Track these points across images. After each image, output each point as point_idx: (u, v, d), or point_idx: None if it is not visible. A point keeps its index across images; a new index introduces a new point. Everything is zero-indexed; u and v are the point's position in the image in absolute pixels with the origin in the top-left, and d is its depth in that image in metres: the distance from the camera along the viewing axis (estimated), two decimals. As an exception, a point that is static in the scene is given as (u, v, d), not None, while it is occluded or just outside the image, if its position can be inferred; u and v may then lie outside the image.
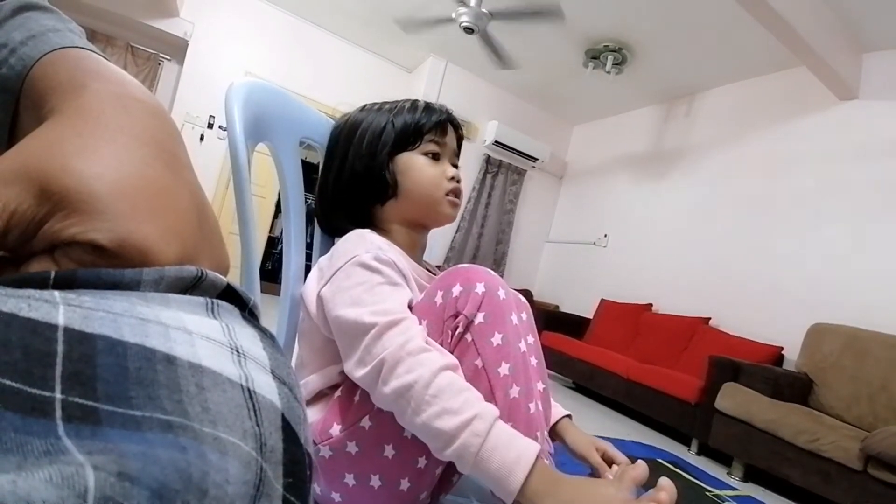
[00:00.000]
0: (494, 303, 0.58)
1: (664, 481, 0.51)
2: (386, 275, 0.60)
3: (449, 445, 0.49)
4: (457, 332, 0.57)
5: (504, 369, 0.56)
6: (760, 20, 2.56)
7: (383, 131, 0.71)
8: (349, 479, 0.58)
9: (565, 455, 0.68)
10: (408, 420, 0.51)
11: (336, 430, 0.58)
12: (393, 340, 0.53)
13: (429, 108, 0.73)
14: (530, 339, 0.68)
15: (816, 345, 2.55)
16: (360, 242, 0.64)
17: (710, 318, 3.23)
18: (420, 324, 0.57)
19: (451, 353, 0.57)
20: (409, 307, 0.60)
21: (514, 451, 0.48)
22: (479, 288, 0.58)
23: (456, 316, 0.57)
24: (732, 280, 3.28)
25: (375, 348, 0.53)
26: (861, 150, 2.84)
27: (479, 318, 0.57)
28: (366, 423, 0.57)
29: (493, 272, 0.62)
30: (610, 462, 0.64)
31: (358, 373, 0.54)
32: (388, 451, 0.56)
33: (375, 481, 0.57)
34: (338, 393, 0.61)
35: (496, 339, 0.57)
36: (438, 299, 0.59)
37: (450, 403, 0.50)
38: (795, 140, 3.19)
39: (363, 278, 0.59)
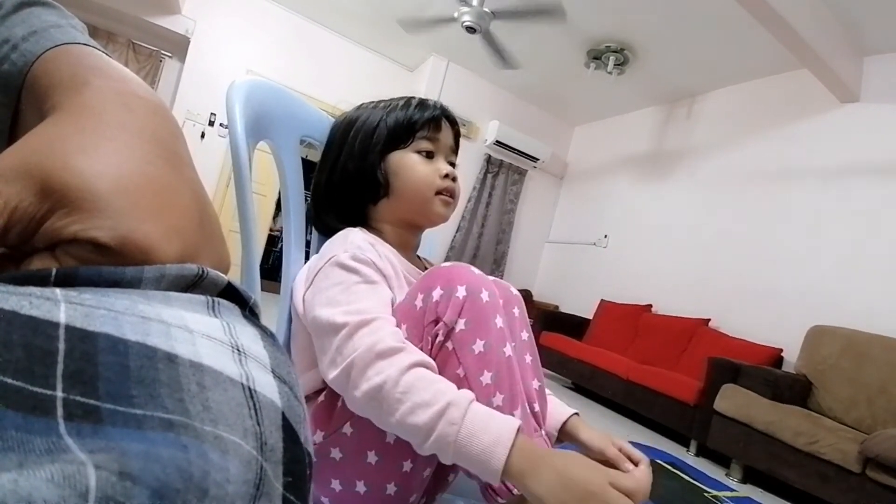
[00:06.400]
0: (477, 307, 0.56)
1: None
2: (363, 274, 0.59)
3: (427, 439, 0.48)
4: (437, 340, 0.56)
5: (486, 378, 0.55)
6: (762, 22, 2.55)
7: (376, 129, 0.70)
8: (335, 485, 0.57)
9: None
10: (383, 422, 0.51)
11: (318, 436, 0.58)
12: (363, 341, 0.52)
13: (422, 104, 0.72)
14: (524, 336, 0.66)
15: (816, 347, 2.55)
16: (342, 242, 0.63)
17: (709, 320, 3.23)
18: (400, 327, 0.56)
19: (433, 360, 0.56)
20: (392, 307, 0.60)
21: (491, 434, 0.48)
22: (461, 292, 0.56)
23: (436, 322, 0.56)
24: (732, 282, 3.28)
25: (346, 349, 0.53)
26: (862, 152, 2.83)
27: (461, 324, 0.56)
28: (347, 429, 0.56)
29: (476, 270, 0.60)
30: (626, 457, 0.62)
31: (330, 374, 0.54)
32: (371, 457, 0.56)
33: (361, 487, 0.56)
34: (321, 398, 0.61)
35: (478, 346, 0.55)
36: (419, 302, 0.58)
37: (420, 397, 0.49)
38: (796, 142, 3.18)
39: (340, 278, 0.58)
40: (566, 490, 0.45)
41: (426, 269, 0.75)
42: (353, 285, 0.58)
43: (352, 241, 0.64)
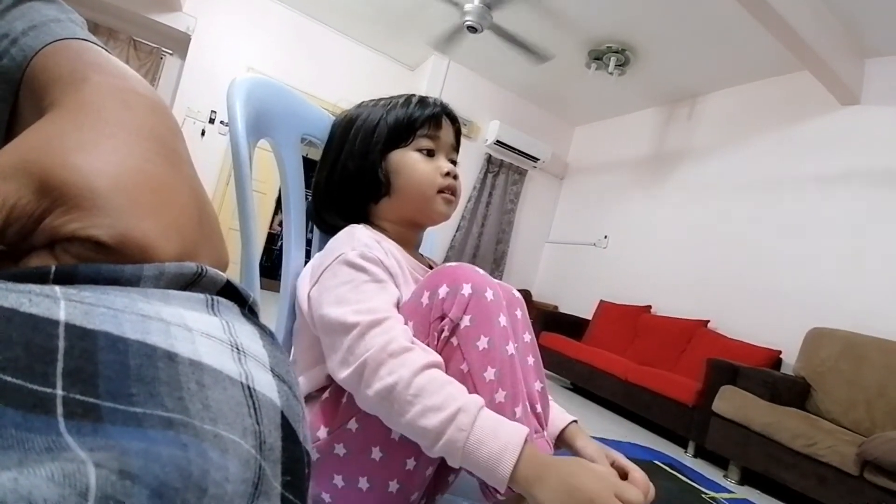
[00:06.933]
0: (481, 305, 0.57)
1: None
2: (371, 273, 0.59)
3: (436, 443, 0.49)
4: (443, 336, 0.57)
5: (490, 374, 0.55)
6: (764, 24, 2.55)
7: (376, 128, 0.70)
8: (338, 481, 0.57)
9: None
10: (394, 422, 0.51)
11: (323, 432, 0.58)
12: (375, 341, 0.52)
13: (423, 101, 0.72)
14: (527, 337, 0.67)
15: (814, 349, 2.55)
16: (349, 240, 0.63)
17: (708, 321, 3.23)
18: (406, 324, 0.57)
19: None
20: (399, 305, 0.60)
21: (499, 441, 0.48)
22: (466, 289, 0.57)
23: (442, 318, 0.57)
24: (732, 283, 3.28)
25: (358, 348, 0.53)
26: (862, 155, 2.83)
27: (466, 321, 0.56)
28: (352, 425, 0.57)
29: (481, 270, 0.61)
30: (621, 471, 0.61)
31: (341, 373, 0.54)
32: (375, 453, 0.56)
33: (363, 483, 0.57)
34: (325, 395, 0.61)
35: (482, 342, 0.56)
36: (425, 300, 0.58)
37: (432, 401, 0.49)
38: (797, 144, 3.18)
39: (348, 277, 0.59)
40: (571, 498, 0.45)
41: (430, 266, 0.75)
42: (362, 284, 0.58)
43: (359, 238, 0.64)
